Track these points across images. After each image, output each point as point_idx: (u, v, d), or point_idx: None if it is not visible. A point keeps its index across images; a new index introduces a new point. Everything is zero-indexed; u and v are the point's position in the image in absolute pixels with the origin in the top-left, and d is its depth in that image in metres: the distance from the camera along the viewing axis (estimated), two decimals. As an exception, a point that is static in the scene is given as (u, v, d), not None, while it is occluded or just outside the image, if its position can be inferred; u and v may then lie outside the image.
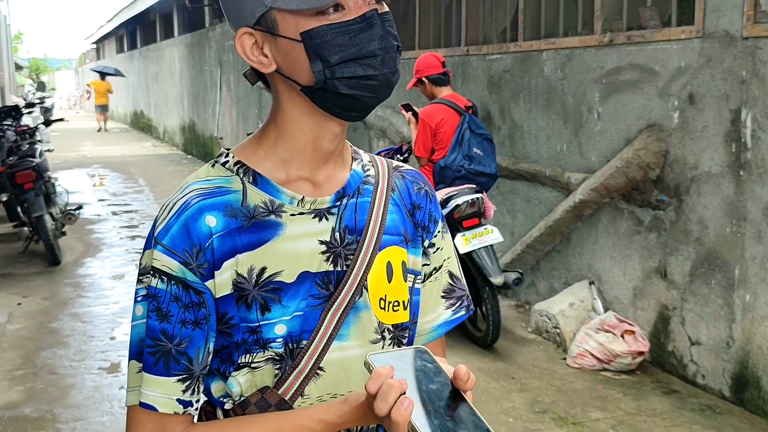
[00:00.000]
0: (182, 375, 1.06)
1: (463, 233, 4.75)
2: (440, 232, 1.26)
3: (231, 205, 1.09)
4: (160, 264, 1.06)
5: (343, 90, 1.05)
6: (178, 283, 1.05)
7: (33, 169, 7.06)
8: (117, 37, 30.75)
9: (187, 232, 1.05)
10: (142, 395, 1.06)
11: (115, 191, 12.06)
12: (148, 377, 1.06)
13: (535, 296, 5.59)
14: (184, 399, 1.07)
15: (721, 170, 4.02)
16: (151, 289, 1.06)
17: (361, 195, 1.17)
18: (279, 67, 1.09)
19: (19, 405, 4.15)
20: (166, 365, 1.06)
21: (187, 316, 1.06)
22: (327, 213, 1.13)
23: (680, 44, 4.23)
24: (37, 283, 6.65)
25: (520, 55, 5.66)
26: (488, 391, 4.25)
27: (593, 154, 4.94)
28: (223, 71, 14.45)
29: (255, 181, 1.11)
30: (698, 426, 3.84)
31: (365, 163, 1.22)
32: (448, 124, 4.92)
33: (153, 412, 1.06)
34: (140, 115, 25.04)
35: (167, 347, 1.06)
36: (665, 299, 4.46)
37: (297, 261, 1.09)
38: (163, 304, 1.06)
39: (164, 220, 1.08)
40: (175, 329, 1.06)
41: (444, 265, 1.26)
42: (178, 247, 1.05)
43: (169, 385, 1.06)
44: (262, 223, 1.09)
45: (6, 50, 20.35)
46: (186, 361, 1.06)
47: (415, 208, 1.22)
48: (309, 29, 1.03)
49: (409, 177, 1.26)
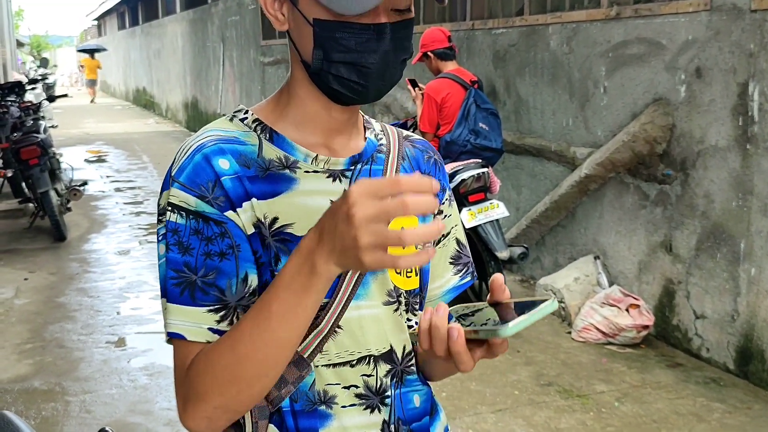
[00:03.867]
0: (214, 305, 1.06)
1: (469, 208, 4.76)
2: (448, 199, 1.29)
3: (246, 155, 1.11)
4: (178, 200, 1.07)
5: (332, 84, 1.08)
6: (197, 216, 1.06)
7: (38, 144, 7.07)
8: (118, 13, 30.60)
9: (202, 169, 1.07)
10: (168, 325, 1.06)
11: (119, 168, 12.07)
12: (174, 307, 1.06)
13: (540, 271, 5.60)
14: (221, 329, 1.05)
15: (728, 144, 4.02)
16: (170, 224, 1.07)
17: (375, 163, 1.19)
18: (290, 31, 1.11)
19: (28, 378, 4.19)
20: (192, 295, 1.05)
21: (212, 248, 1.06)
22: (341, 175, 1.15)
23: (688, 17, 4.20)
24: (43, 258, 6.68)
25: (526, 29, 5.63)
26: (493, 364, 4.28)
27: (599, 128, 4.93)
28: (226, 47, 14.39)
29: (271, 138, 1.13)
30: (703, 398, 3.87)
31: (377, 132, 1.25)
32: (453, 99, 4.91)
33: (182, 341, 1.06)
34: (142, 92, 24.99)
35: (191, 278, 1.06)
36: (670, 273, 4.47)
37: (308, 216, 1.10)
38: (183, 237, 1.06)
39: (180, 160, 1.10)
40: (198, 261, 1.06)
41: (452, 232, 1.29)
42: (194, 183, 1.07)
43: (198, 315, 1.05)
44: (276, 175, 1.11)
45: (7, 27, 20.25)
46: (217, 292, 1.06)
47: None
48: (323, 19, 1.05)
49: (419, 146, 1.28)
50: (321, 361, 1.11)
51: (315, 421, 1.12)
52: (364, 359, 1.14)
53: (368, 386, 1.14)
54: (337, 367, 1.12)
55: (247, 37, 13.01)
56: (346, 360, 1.12)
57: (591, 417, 3.68)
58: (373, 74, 1.07)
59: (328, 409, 1.12)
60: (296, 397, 1.11)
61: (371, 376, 1.14)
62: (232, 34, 13.87)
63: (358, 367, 1.13)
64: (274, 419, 1.12)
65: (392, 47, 1.07)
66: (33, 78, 13.64)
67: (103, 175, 11.25)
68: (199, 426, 1.05)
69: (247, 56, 13.14)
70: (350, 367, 1.13)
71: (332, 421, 1.12)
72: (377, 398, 1.15)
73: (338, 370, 1.12)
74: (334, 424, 1.12)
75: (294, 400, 1.11)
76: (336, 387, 1.12)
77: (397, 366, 1.17)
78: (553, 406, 3.80)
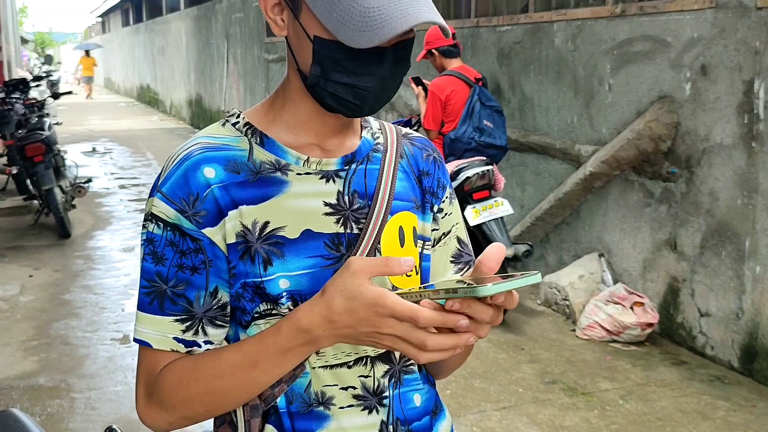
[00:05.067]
0: (181, 315, 1.10)
1: (473, 205, 4.76)
2: (448, 197, 1.28)
3: (235, 160, 1.11)
4: (158, 210, 1.10)
5: (327, 100, 1.09)
6: (174, 229, 1.09)
7: (42, 142, 7.08)
8: (122, 10, 30.62)
9: (185, 181, 1.08)
10: (137, 332, 1.11)
11: (123, 165, 12.09)
12: (143, 315, 1.10)
13: (545, 269, 5.60)
14: (186, 338, 1.10)
15: (733, 142, 4.01)
16: (149, 234, 1.11)
17: (371, 162, 1.19)
18: (289, 38, 1.11)
19: (34, 375, 4.20)
20: (161, 305, 1.09)
21: (184, 261, 1.09)
22: (334, 175, 1.15)
23: (693, 15, 4.20)
24: (48, 255, 6.69)
25: (531, 26, 5.63)
26: (498, 362, 4.28)
27: (604, 126, 4.92)
28: (230, 44, 14.39)
29: (262, 142, 1.14)
30: (707, 396, 3.87)
31: (375, 130, 1.24)
32: (458, 96, 4.91)
33: (148, 348, 1.11)
34: (146, 89, 25.02)
35: (162, 288, 1.09)
36: (675, 271, 4.47)
37: (300, 218, 1.11)
38: (158, 248, 1.09)
39: (167, 169, 1.12)
40: (170, 272, 1.09)
41: (452, 231, 1.28)
42: (176, 196, 1.08)
43: (165, 324, 1.09)
44: (267, 179, 1.11)
45: (11, 24, 20.27)
46: (185, 302, 1.09)
47: (423, 174, 1.24)
48: (324, 38, 1.04)
49: (417, 144, 1.28)
50: (318, 363, 1.12)
51: (311, 423, 1.12)
52: (360, 360, 1.14)
53: (365, 387, 1.14)
54: (334, 368, 1.12)
55: (251, 35, 13.01)
56: (342, 361, 1.13)
57: (595, 415, 3.68)
58: (369, 96, 1.08)
59: (326, 410, 1.12)
60: (292, 398, 1.12)
61: (368, 377, 1.14)
62: (236, 32, 13.87)
63: (355, 368, 1.13)
64: (273, 419, 1.13)
65: (391, 71, 1.08)
66: (37, 75, 13.66)
67: (107, 172, 11.27)
68: (158, 427, 1.13)
69: (251, 53, 13.14)
70: (347, 368, 1.13)
71: (330, 422, 1.12)
72: (375, 399, 1.15)
73: (335, 372, 1.12)
74: (332, 425, 1.12)
75: (290, 402, 1.12)
76: (333, 388, 1.13)
77: (395, 366, 1.17)
78: (558, 404, 3.80)
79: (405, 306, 0.93)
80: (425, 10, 1.02)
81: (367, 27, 1.00)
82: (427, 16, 1.01)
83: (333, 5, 1.01)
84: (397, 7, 1.00)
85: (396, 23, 0.99)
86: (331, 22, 1.01)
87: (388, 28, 0.99)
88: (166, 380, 1.09)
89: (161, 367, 1.11)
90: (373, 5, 1.00)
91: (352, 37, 1.00)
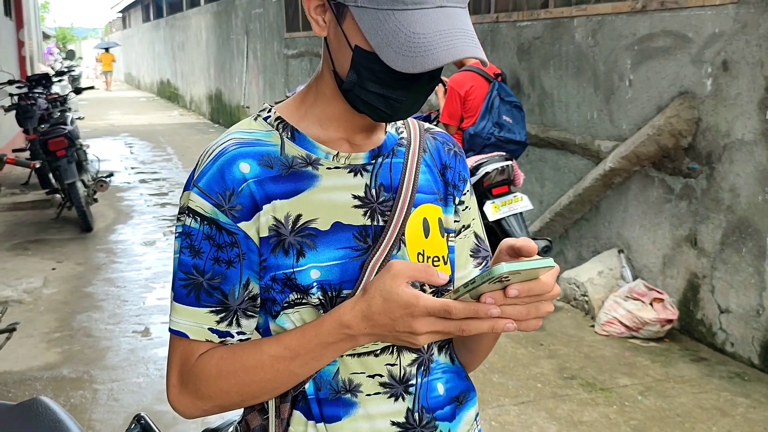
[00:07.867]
0: (216, 307, 1.13)
1: (493, 201, 4.76)
2: (468, 191, 1.31)
3: (268, 155, 1.14)
4: (195, 205, 1.12)
5: (359, 106, 1.12)
6: (210, 223, 1.11)
7: (65, 136, 7.15)
8: (143, 5, 30.78)
9: (221, 177, 1.11)
10: (172, 322, 1.15)
11: (144, 159, 12.18)
12: (179, 307, 1.14)
13: (564, 264, 5.59)
14: (219, 329, 1.14)
15: (755, 138, 3.99)
16: (185, 227, 1.13)
17: (396, 156, 1.22)
18: (328, 39, 1.13)
19: (57, 366, 4.26)
20: (197, 297, 1.13)
21: (220, 255, 1.12)
22: (362, 169, 1.18)
23: (714, 10, 4.17)
24: (70, 248, 6.77)
25: (551, 21, 5.61)
26: (516, 357, 4.29)
27: (624, 121, 4.91)
28: (250, 40, 14.45)
29: (293, 137, 1.17)
30: (726, 393, 3.86)
31: (398, 125, 1.27)
32: (477, 92, 4.91)
33: (184, 338, 1.14)
34: (167, 84, 25.17)
35: (198, 281, 1.13)
36: (695, 267, 4.45)
37: (330, 211, 1.14)
38: (195, 241, 1.12)
39: (202, 164, 1.14)
40: (206, 265, 1.12)
41: (471, 225, 1.32)
42: (212, 190, 1.11)
43: (201, 315, 1.13)
44: (299, 173, 1.14)
45: (33, 19, 20.45)
46: (220, 295, 1.13)
47: (445, 168, 1.27)
48: (365, 49, 1.06)
49: (439, 138, 1.31)
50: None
51: (339, 409, 1.15)
52: (387, 349, 1.17)
53: (392, 375, 1.17)
54: (361, 356, 1.15)
55: (271, 30, 13.05)
56: (370, 350, 1.15)
57: (614, 410, 3.69)
58: (401, 108, 1.11)
59: (354, 397, 1.15)
60: (320, 385, 1.15)
61: (395, 365, 1.17)
62: (256, 27, 13.92)
63: (381, 356, 1.16)
64: (301, 406, 1.16)
65: (425, 87, 1.11)
66: (59, 70, 13.79)
67: (128, 167, 11.36)
68: (191, 414, 1.17)
69: (270, 49, 13.19)
70: (374, 356, 1.16)
71: (357, 409, 1.15)
72: (401, 387, 1.17)
73: (362, 360, 1.15)
74: (360, 411, 1.15)
75: (318, 388, 1.15)
76: (361, 376, 1.15)
77: (423, 355, 1.20)
78: (576, 399, 3.80)
79: (438, 302, 0.98)
80: (470, 44, 1.03)
81: (411, 52, 1.01)
82: (470, 51, 1.02)
83: (379, 24, 1.03)
84: (442, 37, 1.02)
85: (440, 54, 1.01)
86: (375, 39, 1.03)
87: (432, 58, 1.01)
88: (204, 370, 1.13)
89: (196, 356, 1.14)
90: (420, 31, 1.01)
91: (394, 60, 1.02)
